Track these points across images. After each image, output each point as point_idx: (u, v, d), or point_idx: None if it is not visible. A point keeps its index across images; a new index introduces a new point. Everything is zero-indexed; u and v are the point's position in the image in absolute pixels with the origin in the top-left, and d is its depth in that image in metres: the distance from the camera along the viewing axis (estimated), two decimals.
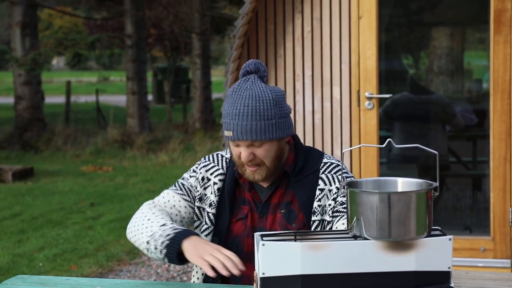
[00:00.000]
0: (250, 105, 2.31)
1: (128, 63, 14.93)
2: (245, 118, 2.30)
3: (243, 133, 2.31)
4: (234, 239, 2.46)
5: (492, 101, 4.64)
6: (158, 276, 5.54)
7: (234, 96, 2.34)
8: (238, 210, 2.47)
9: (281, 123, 2.36)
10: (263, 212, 2.44)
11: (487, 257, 4.73)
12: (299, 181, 2.42)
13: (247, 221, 2.45)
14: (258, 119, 2.30)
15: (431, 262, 1.87)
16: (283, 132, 2.37)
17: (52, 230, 6.95)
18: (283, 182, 2.44)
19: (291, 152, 2.45)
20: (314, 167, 2.43)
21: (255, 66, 2.37)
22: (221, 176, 2.50)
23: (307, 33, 4.87)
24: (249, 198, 2.47)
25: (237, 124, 2.31)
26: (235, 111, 2.32)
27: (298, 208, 2.40)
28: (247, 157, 2.34)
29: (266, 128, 2.32)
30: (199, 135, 14.05)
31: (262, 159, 2.35)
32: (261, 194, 2.46)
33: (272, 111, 2.32)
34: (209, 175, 2.52)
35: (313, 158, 2.45)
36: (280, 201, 2.43)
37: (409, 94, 6.18)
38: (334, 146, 4.86)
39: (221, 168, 2.51)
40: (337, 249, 1.87)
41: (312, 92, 4.90)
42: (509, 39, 4.57)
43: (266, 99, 2.32)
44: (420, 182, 1.95)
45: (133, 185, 9.54)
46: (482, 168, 6.00)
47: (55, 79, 34.31)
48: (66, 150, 12.83)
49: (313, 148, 2.52)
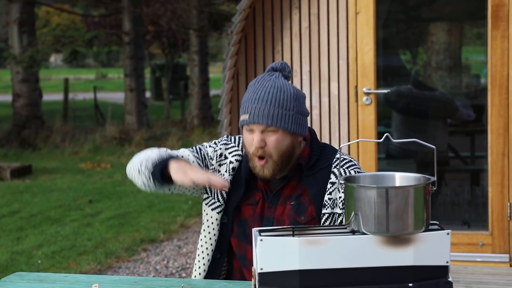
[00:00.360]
0: (271, 93, 2.35)
1: (126, 60, 14.92)
2: (264, 103, 2.33)
3: (259, 117, 2.33)
4: (242, 221, 2.48)
5: (490, 96, 4.64)
6: (157, 273, 5.54)
7: (256, 85, 2.39)
8: (251, 194, 2.48)
9: (298, 119, 2.38)
10: (273, 202, 2.45)
11: (486, 251, 4.73)
12: (311, 175, 2.43)
13: (257, 207, 2.47)
14: (276, 106, 2.34)
15: (429, 256, 1.88)
16: (298, 128, 2.38)
17: (51, 227, 6.94)
18: (296, 175, 2.45)
19: (307, 146, 2.47)
20: (327, 162, 2.44)
21: (281, 65, 2.43)
22: (238, 157, 2.51)
23: (305, 28, 4.87)
24: (261, 186, 2.48)
25: (255, 108, 2.34)
26: (255, 97, 2.36)
27: (309, 201, 2.41)
28: (258, 142, 2.34)
29: (283, 116, 2.34)
30: (197, 132, 14.05)
31: (271, 151, 2.35)
32: (273, 184, 2.47)
33: (291, 104, 2.36)
34: (227, 153, 2.53)
35: (327, 154, 2.47)
36: (291, 193, 2.45)
37: (413, 88, 6.18)
38: (332, 142, 4.86)
39: (240, 150, 2.52)
40: (335, 244, 1.86)
41: (310, 87, 4.90)
42: (506, 34, 4.57)
43: (287, 91, 2.37)
44: (418, 177, 1.95)
45: (132, 182, 9.50)
46: (481, 163, 6.00)
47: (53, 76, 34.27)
48: (64, 148, 12.83)
49: (329, 145, 2.54)
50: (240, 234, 2.47)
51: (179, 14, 15.25)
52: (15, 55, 12.92)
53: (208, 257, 2.52)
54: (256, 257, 1.90)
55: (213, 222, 2.51)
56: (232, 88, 4.96)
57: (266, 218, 2.45)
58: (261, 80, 2.40)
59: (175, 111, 18.97)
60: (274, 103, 2.34)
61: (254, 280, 1.91)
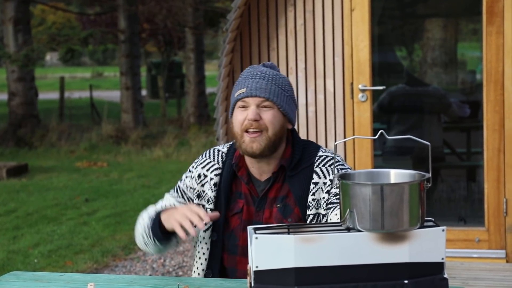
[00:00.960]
0: (268, 72, 2.40)
1: (121, 58, 14.90)
2: (262, 78, 2.38)
3: (257, 90, 2.35)
4: (231, 233, 2.46)
5: (485, 92, 4.64)
6: (153, 271, 5.53)
7: (251, 68, 2.44)
8: (234, 204, 2.46)
9: (292, 104, 2.42)
10: (260, 206, 2.43)
11: (482, 247, 4.74)
12: (294, 175, 2.41)
13: (242, 215, 2.45)
14: (274, 82, 2.38)
15: (425, 253, 1.87)
16: (291, 111, 2.41)
17: (47, 226, 6.93)
18: (280, 177, 2.43)
19: (289, 146, 2.45)
20: (309, 160, 2.43)
21: (272, 64, 2.48)
22: (217, 171, 2.49)
23: (300, 26, 4.87)
24: (246, 191, 2.46)
25: (253, 81, 2.37)
26: (252, 74, 2.40)
27: (294, 202, 2.40)
28: (253, 115, 2.34)
29: (280, 94, 2.37)
30: (193, 130, 14.03)
31: (266, 124, 2.35)
32: (258, 188, 2.45)
33: (287, 87, 2.42)
34: (205, 172, 2.50)
35: (309, 152, 2.45)
36: (276, 195, 2.43)
37: (405, 86, 6.18)
38: (328, 139, 4.86)
39: (217, 163, 2.50)
40: (330, 242, 1.86)
41: (306, 85, 4.89)
42: (501, 30, 4.57)
43: (283, 76, 2.44)
44: (413, 174, 1.95)
45: (128, 181, 9.53)
46: (476, 159, 6.00)
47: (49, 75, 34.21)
48: (61, 146, 12.81)
49: (311, 142, 2.51)
50: (230, 247, 2.45)
51: (174, 12, 15.23)
52: (10, 54, 12.90)
53: (199, 276, 2.51)
54: (251, 255, 1.90)
55: (202, 242, 2.50)
56: (228, 86, 4.96)
57: (255, 223, 2.42)
58: (255, 66, 2.45)
59: (171, 109, 18.96)
60: (272, 80, 2.38)
61: (249, 278, 1.91)
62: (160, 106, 18.38)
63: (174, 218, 2.28)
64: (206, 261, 2.49)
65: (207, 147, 12.16)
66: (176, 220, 2.27)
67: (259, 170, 2.45)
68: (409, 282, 1.86)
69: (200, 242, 2.50)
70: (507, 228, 4.67)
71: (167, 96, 19.85)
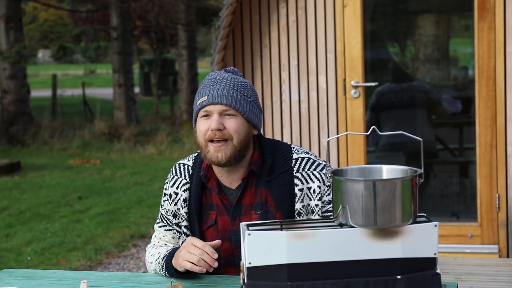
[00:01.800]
0: (230, 79, 2.34)
1: (114, 55, 14.87)
2: (223, 85, 2.31)
3: (219, 97, 2.29)
4: None
5: (477, 88, 4.65)
6: (147, 269, 5.53)
7: (212, 75, 2.38)
8: (206, 217, 2.41)
9: (256, 109, 2.36)
10: (235, 214, 2.38)
11: (475, 243, 4.75)
12: (272, 180, 2.35)
13: (217, 227, 2.40)
14: (236, 89, 2.32)
15: (417, 248, 1.88)
16: (255, 117, 2.35)
17: (40, 224, 6.92)
18: (251, 181, 2.37)
19: (256, 150, 2.39)
20: (285, 164, 2.36)
21: (233, 69, 2.42)
22: (185, 186, 2.43)
23: (292, 22, 4.86)
24: (218, 202, 2.40)
25: (214, 89, 2.30)
26: (213, 81, 2.33)
27: (275, 209, 2.35)
28: (217, 125, 2.27)
29: (242, 100, 2.31)
30: (186, 127, 14.02)
31: (231, 133, 2.29)
32: (230, 196, 2.39)
33: (250, 92, 2.35)
34: (175, 189, 2.45)
35: (281, 154, 2.38)
36: (252, 201, 2.37)
37: (391, 84, 6.18)
38: (321, 135, 4.86)
39: (184, 178, 2.44)
40: (323, 238, 1.86)
41: (298, 81, 4.89)
42: (493, 26, 4.58)
43: (245, 81, 2.37)
44: (405, 169, 1.95)
45: (121, 178, 9.52)
46: (469, 155, 6.02)
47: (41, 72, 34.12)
48: (53, 144, 12.78)
49: (279, 142, 2.44)
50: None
51: (166, 9, 15.21)
52: (2, 51, 12.86)
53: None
54: (244, 252, 1.90)
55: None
56: None
57: (233, 233, 2.38)
58: (216, 73, 2.39)
59: (164, 106, 18.94)
60: (234, 86, 2.32)
61: (242, 274, 1.91)
62: (153, 104, 18.36)
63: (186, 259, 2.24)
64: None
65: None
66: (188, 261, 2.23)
67: (228, 178, 2.39)
68: (402, 278, 1.87)
69: None
70: (499, 223, 4.68)
71: (160, 93, 19.83)
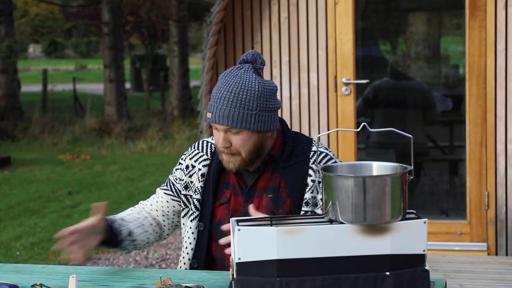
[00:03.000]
0: (234, 92, 2.31)
1: (105, 50, 14.83)
2: (225, 103, 2.31)
3: (220, 118, 2.32)
4: (218, 223, 2.46)
5: (468, 86, 4.67)
6: (136, 264, 5.53)
7: (222, 80, 2.36)
8: (221, 194, 2.47)
9: (263, 116, 2.34)
10: (249, 196, 2.44)
11: (464, 240, 4.77)
12: (288, 167, 2.41)
13: (229, 205, 2.45)
14: (237, 106, 2.30)
15: (406, 245, 1.88)
16: (263, 125, 2.35)
17: (29, 219, 6.90)
18: (269, 166, 2.44)
19: (279, 137, 2.45)
20: (304, 154, 2.42)
21: (253, 57, 2.38)
22: (205, 162, 2.50)
23: (284, 19, 4.87)
24: (235, 182, 2.47)
25: (217, 108, 2.33)
26: (219, 95, 2.34)
27: (286, 194, 2.40)
28: (222, 144, 2.35)
29: (245, 117, 2.31)
30: (177, 123, 14.01)
31: (237, 149, 2.35)
32: (247, 178, 2.46)
33: (254, 102, 2.31)
34: (193, 163, 2.52)
35: (302, 145, 2.45)
36: (266, 185, 2.43)
37: (389, 79, 6.19)
38: (311, 132, 4.87)
39: (206, 154, 2.52)
40: (313, 234, 1.87)
41: (289, 78, 4.90)
42: (484, 24, 4.59)
43: (251, 89, 2.32)
44: (395, 166, 1.96)
45: (111, 173, 9.50)
46: (459, 152, 6.03)
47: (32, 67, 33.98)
48: (43, 139, 12.74)
49: (301, 134, 2.52)
50: (218, 236, 2.44)
51: (158, 5, 15.18)
52: None
53: (185, 266, 2.51)
54: (234, 247, 1.90)
55: (188, 231, 2.50)
56: (212, 79, 4.95)
57: (243, 214, 2.42)
58: (228, 75, 2.36)
59: (155, 102, 18.89)
60: (235, 103, 2.30)
61: (232, 269, 1.91)
62: (144, 99, 18.32)
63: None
64: (192, 250, 2.50)
65: (191, 140, 12.15)
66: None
67: None
68: (391, 274, 1.87)
69: (187, 232, 2.51)
70: (488, 221, 4.70)
71: (151, 89, 19.77)
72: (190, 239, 2.50)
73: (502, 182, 4.64)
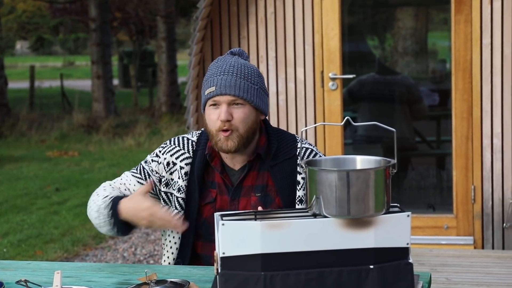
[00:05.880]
0: (236, 66, 2.36)
1: (92, 47, 14.78)
2: (231, 74, 2.34)
3: (227, 87, 2.32)
4: (204, 222, 2.44)
5: (454, 80, 4.68)
6: (124, 260, 5.52)
7: (218, 62, 2.39)
8: (206, 193, 2.44)
9: (263, 95, 2.39)
10: (235, 195, 2.42)
11: (450, 234, 4.79)
12: (276, 165, 2.41)
13: (215, 205, 2.43)
14: (243, 78, 2.34)
15: (390, 238, 1.89)
16: (263, 103, 2.39)
17: (17, 216, 6.88)
18: (255, 165, 2.42)
19: (263, 134, 2.44)
20: (290, 152, 2.42)
21: (239, 50, 2.45)
22: (187, 160, 2.45)
23: (270, 14, 4.86)
24: (220, 181, 2.44)
25: (222, 79, 2.33)
26: (220, 70, 2.36)
27: (275, 193, 2.40)
28: (225, 116, 2.31)
29: (249, 89, 2.34)
30: (165, 119, 13.99)
31: (237, 123, 2.33)
32: (233, 177, 2.44)
33: (256, 79, 2.38)
34: (174, 160, 2.47)
35: (287, 142, 2.45)
36: (253, 183, 2.42)
37: (375, 74, 6.21)
38: (298, 127, 4.87)
39: (187, 152, 2.46)
40: (297, 228, 1.87)
41: (276, 73, 4.90)
42: (469, 19, 4.61)
43: (251, 67, 2.40)
44: (378, 160, 1.96)
45: (99, 170, 9.48)
46: (446, 147, 6.06)
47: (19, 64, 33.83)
48: (31, 136, 12.70)
49: (284, 131, 2.51)
50: (205, 235, 2.44)
51: (146, 0, 15.14)
52: None
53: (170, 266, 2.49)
54: (218, 241, 1.90)
55: (172, 231, 2.47)
56: (198, 74, 4.95)
57: None
58: (223, 58, 2.41)
59: (143, 98, 18.85)
60: (240, 75, 2.34)
61: (216, 264, 1.91)
62: (131, 95, 18.28)
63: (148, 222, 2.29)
64: (177, 250, 2.48)
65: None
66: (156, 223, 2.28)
67: (232, 160, 2.44)
68: (375, 267, 1.88)
69: (170, 231, 2.48)
70: (475, 215, 4.72)
71: (139, 85, 19.73)
72: (175, 239, 2.48)
73: (488, 176, 4.66)
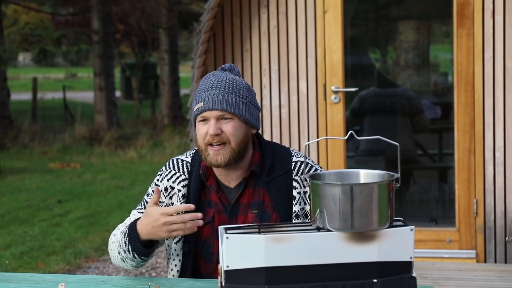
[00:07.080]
0: (224, 81, 2.37)
1: (95, 59, 14.83)
2: (218, 89, 2.34)
3: (214, 102, 2.33)
4: (204, 243, 2.44)
5: (456, 94, 4.69)
6: (126, 272, 5.52)
7: (207, 78, 2.40)
8: (203, 214, 2.41)
9: (252, 109, 2.39)
10: (233, 213, 2.41)
11: (453, 248, 4.78)
12: (271, 181, 2.40)
13: (214, 224, 2.42)
14: (231, 92, 2.35)
15: (393, 252, 1.89)
16: (253, 117, 2.38)
17: (19, 228, 6.88)
18: (250, 182, 2.42)
19: (256, 150, 2.43)
20: (285, 167, 2.41)
21: (230, 66, 2.46)
22: (184, 182, 2.46)
23: (273, 27, 4.88)
24: (216, 200, 2.43)
25: (210, 94, 2.34)
26: (208, 86, 2.37)
27: (272, 209, 2.39)
28: (214, 130, 2.31)
29: (238, 103, 2.34)
30: (167, 131, 14.00)
31: (228, 137, 2.33)
32: (229, 195, 2.43)
33: (245, 93, 2.38)
34: (171, 184, 2.47)
35: (281, 156, 2.43)
36: (250, 201, 2.41)
37: (375, 88, 6.22)
38: (301, 140, 4.88)
39: (183, 174, 2.47)
40: (301, 241, 1.88)
41: (279, 86, 4.91)
42: (471, 32, 4.62)
43: (240, 81, 2.40)
44: (382, 174, 1.97)
45: (101, 182, 9.49)
46: (448, 160, 6.06)
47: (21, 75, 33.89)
48: (33, 147, 12.71)
49: (277, 144, 2.50)
50: (205, 255, 2.44)
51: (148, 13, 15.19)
52: None
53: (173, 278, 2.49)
54: (222, 255, 1.91)
55: (173, 253, 2.47)
56: None
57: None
58: (212, 74, 2.42)
59: (145, 110, 18.89)
60: (228, 90, 2.35)
61: (220, 277, 1.92)
62: (134, 107, 18.31)
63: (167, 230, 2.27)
64: (178, 272, 2.47)
65: (181, 148, 12.14)
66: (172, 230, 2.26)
67: (227, 177, 2.43)
68: (378, 281, 1.88)
69: (172, 255, 2.48)
70: (477, 228, 4.72)
71: (141, 97, 19.78)
72: (176, 261, 2.47)
73: (491, 189, 4.66)
